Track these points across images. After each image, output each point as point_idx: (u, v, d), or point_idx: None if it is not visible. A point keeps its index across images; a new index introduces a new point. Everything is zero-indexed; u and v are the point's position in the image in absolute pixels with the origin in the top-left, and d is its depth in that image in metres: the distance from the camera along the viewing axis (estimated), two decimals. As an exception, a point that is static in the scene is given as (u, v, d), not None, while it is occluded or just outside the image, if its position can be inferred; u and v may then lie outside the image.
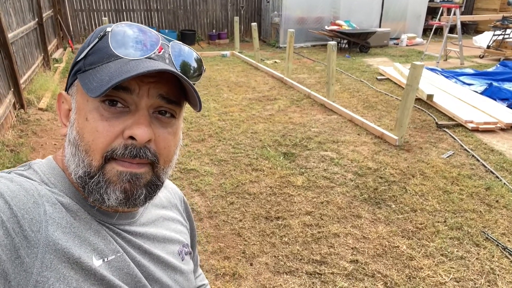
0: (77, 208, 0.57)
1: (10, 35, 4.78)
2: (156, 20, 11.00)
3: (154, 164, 0.57)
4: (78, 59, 0.58)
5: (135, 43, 0.55)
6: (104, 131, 0.54)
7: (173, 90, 0.57)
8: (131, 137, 0.53)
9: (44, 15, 7.09)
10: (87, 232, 0.56)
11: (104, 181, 0.54)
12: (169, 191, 0.82)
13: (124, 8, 10.57)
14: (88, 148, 0.55)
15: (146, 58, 0.55)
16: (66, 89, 0.63)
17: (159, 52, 0.56)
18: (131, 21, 9.98)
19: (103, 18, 9.13)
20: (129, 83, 0.53)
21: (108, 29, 0.55)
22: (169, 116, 0.59)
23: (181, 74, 0.54)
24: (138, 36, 0.55)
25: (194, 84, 0.58)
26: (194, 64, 0.60)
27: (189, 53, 0.60)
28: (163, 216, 0.74)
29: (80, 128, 0.56)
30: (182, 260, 0.73)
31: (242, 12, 11.72)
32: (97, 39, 0.56)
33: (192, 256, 0.82)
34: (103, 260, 0.57)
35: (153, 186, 0.58)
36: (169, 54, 0.58)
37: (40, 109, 5.05)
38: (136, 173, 0.55)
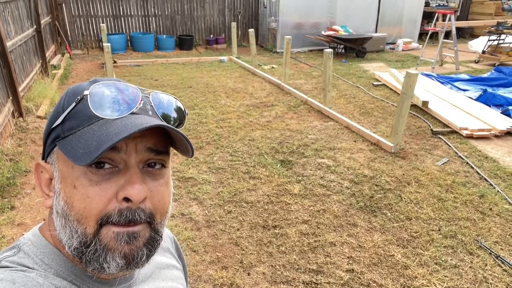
0: None
1: (8, 43, 4.82)
2: (154, 26, 11.04)
3: (152, 220, 0.55)
4: (54, 125, 0.55)
5: (114, 103, 0.53)
6: (96, 196, 0.51)
7: (160, 140, 0.56)
8: (126, 198, 0.51)
9: (42, 22, 7.12)
10: None
11: (102, 248, 0.52)
12: (167, 236, 0.81)
13: (122, 14, 10.61)
14: (80, 217, 0.52)
15: (128, 114, 0.53)
16: (44, 158, 0.59)
17: (140, 104, 0.55)
18: (128, 26, 9.99)
19: (101, 24, 9.17)
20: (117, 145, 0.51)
21: (86, 92, 0.53)
22: (160, 167, 0.57)
23: (170, 126, 0.53)
24: (116, 95, 0.54)
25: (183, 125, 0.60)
26: (174, 115, 0.59)
27: (169, 103, 0.59)
28: (158, 266, 0.72)
29: (68, 197, 0.53)
30: None
31: (239, 17, 11.79)
32: (74, 103, 0.54)
33: None
34: None
35: (153, 243, 0.56)
36: (152, 106, 0.57)
37: (39, 117, 5.08)
38: (134, 231, 0.52)
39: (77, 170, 0.52)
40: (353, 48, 9.76)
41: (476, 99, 5.94)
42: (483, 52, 9.15)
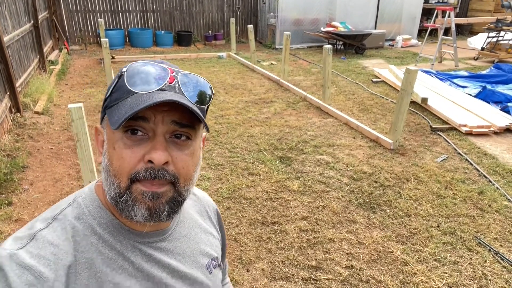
0: (112, 240, 0.67)
1: (5, 38, 4.78)
2: (152, 21, 10.99)
3: (174, 183, 0.63)
4: (106, 96, 0.66)
5: (145, 80, 0.61)
6: (128, 157, 0.61)
7: (186, 116, 0.63)
8: (150, 161, 0.60)
9: (39, 17, 7.07)
10: (112, 272, 0.66)
11: (131, 200, 0.62)
12: (203, 203, 0.88)
13: (120, 9, 10.54)
14: (116, 173, 0.62)
15: (158, 90, 0.61)
16: (100, 123, 0.70)
17: (170, 83, 0.62)
18: (126, 21, 9.98)
19: (99, 19, 9.11)
20: (145, 113, 0.60)
21: (124, 69, 0.63)
22: (185, 138, 0.64)
23: (183, 102, 0.59)
24: (147, 73, 0.62)
25: (208, 105, 0.67)
26: (197, 93, 0.65)
27: (196, 83, 0.66)
28: (197, 228, 0.81)
29: (110, 156, 0.64)
30: (210, 274, 0.79)
31: (238, 13, 11.74)
32: (117, 79, 0.64)
33: (222, 267, 0.87)
34: None
35: (175, 202, 0.65)
36: (179, 84, 0.63)
37: (36, 112, 5.05)
38: (157, 192, 0.62)
39: (117, 134, 0.62)
40: (352, 44, 9.73)
41: (475, 96, 5.94)
42: (482, 49, 9.14)
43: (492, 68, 7.66)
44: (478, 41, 10.69)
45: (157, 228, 0.72)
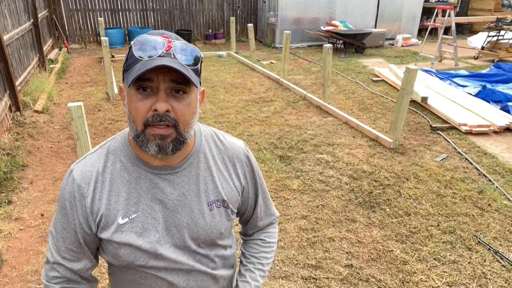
0: (131, 167, 0.92)
1: (5, 37, 4.77)
2: (152, 20, 10.98)
3: (176, 126, 0.84)
4: (124, 62, 0.85)
5: (148, 48, 0.80)
6: (140, 108, 0.82)
7: (180, 75, 0.80)
8: (156, 110, 0.81)
9: (39, 15, 7.06)
10: (131, 188, 0.91)
11: (146, 139, 0.84)
12: (230, 153, 1.01)
13: (119, 8, 10.53)
14: (134, 119, 0.84)
15: (158, 56, 0.79)
16: (123, 82, 0.88)
17: (167, 51, 0.80)
18: (126, 20, 9.98)
19: (99, 18, 9.10)
20: (150, 75, 0.79)
21: (132, 41, 0.83)
22: (182, 93, 0.83)
23: (174, 66, 0.77)
24: (149, 43, 0.81)
25: (197, 67, 0.84)
26: (186, 58, 0.82)
27: (185, 50, 0.83)
28: (211, 171, 0.97)
29: (129, 107, 0.85)
30: (210, 210, 0.96)
31: (238, 12, 11.72)
32: (129, 49, 0.83)
33: (231, 210, 1.00)
34: (128, 218, 0.90)
35: (178, 141, 0.85)
36: (173, 51, 0.81)
37: (36, 111, 5.05)
38: (163, 134, 0.83)
39: (132, 91, 0.83)
40: (352, 43, 9.73)
41: (475, 95, 5.93)
42: (482, 48, 9.14)
43: (492, 67, 7.65)
44: (478, 40, 10.68)
45: (167, 163, 0.92)
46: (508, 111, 5.19)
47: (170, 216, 0.92)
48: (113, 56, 8.32)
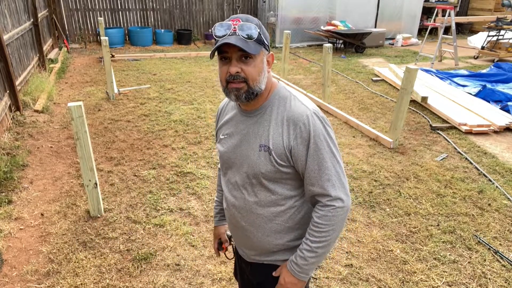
0: (235, 106, 1.33)
1: (5, 36, 4.77)
2: (152, 20, 10.97)
3: (247, 82, 1.15)
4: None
5: (220, 30, 1.12)
6: (222, 71, 1.17)
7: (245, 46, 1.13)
8: (229, 72, 1.14)
9: (39, 15, 7.06)
10: (232, 116, 1.34)
11: (228, 91, 1.18)
12: (290, 115, 1.19)
13: (119, 7, 10.53)
14: (220, 79, 1.20)
15: (228, 35, 1.11)
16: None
17: (234, 31, 1.11)
18: (126, 20, 9.97)
19: (99, 18, 9.09)
20: (224, 48, 1.13)
21: (213, 27, 1.15)
22: (248, 58, 1.13)
23: (234, 42, 1.08)
24: (222, 26, 1.13)
25: (257, 39, 1.13)
26: (247, 35, 1.11)
27: (247, 29, 1.12)
28: (271, 123, 1.22)
29: (218, 71, 1.21)
30: (259, 151, 1.22)
31: (238, 11, 11.72)
32: (213, 32, 1.15)
33: (271, 154, 1.21)
34: (222, 135, 1.36)
35: (249, 93, 1.16)
36: (237, 31, 1.11)
37: (36, 111, 5.05)
38: (238, 87, 1.15)
39: (218, 61, 1.19)
40: (352, 43, 9.72)
41: (475, 95, 5.93)
42: (482, 47, 9.13)
43: (492, 67, 7.65)
44: (478, 40, 10.68)
45: (247, 108, 1.26)
46: (508, 111, 5.19)
47: (239, 144, 1.28)
48: (113, 56, 8.31)
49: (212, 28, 1.14)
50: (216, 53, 1.17)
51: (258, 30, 1.13)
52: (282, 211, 1.26)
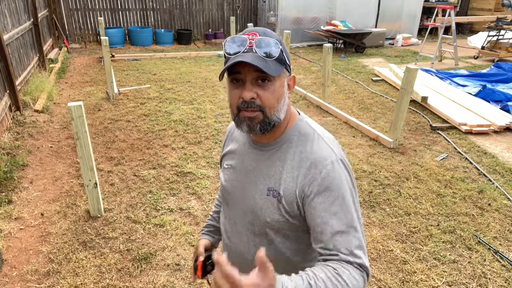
0: (245, 135, 1.13)
1: (5, 36, 4.77)
2: (152, 20, 10.97)
3: (263, 110, 0.95)
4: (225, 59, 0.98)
5: (233, 47, 0.94)
6: (233, 96, 0.97)
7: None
8: (243, 97, 0.94)
9: (39, 15, 7.06)
10: (237, 145, 1.16)
11: (239, 120, 0.98)
12: (310, 158, 0.98)
13: (119, 7, 10.53)
14: (230, 105, 1.00)
15: (242, 53, 0.92)
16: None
17: (249, 47, 0.92)
18: (126, 20, 9.95)
19: (99, 17, 9.09)
20: (237, 68, 0.93)
21: (224, 41, 0.96)
22: (266, 81, 0.94)
23: (250, 62, 0.88)
24: (234, 41, 0.94)
25: (280, 55, 0.94)
26: (267, 53, 0.92)
27: (266, 45, 0.93)
28: (286, 165, 1.01)
29: (228, 95, 1.01)
30: (266, 195, 1.03)
31: (238, 11, 11.72)
32: (224, 47, 0.96)
33: (279, 200, 1.00)
34: (226, 165, 1.17)
35: (265, 123, 0.97)
36: (255, 48, 0.92)
37: (36, 110, 5.05)
38: (251, 117, 0.96)
39: (228, 83, 0.98)
40: (352, 43, 9.72)
41: (475, 95, 5.93)
42: (483, 47, 9.13)
43: (492, 67, 7.65)
44: (478, 40, 10.68)
45: (259, 140, 1.07)
46: (508, 111, 5.19)
47: (243, 181, 1.10)
48: (113, 56, 8.31)
49: (223, 44, 0.96)
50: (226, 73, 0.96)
51: (280, 47, 0.93)
52: (292, 259, 1.05)
